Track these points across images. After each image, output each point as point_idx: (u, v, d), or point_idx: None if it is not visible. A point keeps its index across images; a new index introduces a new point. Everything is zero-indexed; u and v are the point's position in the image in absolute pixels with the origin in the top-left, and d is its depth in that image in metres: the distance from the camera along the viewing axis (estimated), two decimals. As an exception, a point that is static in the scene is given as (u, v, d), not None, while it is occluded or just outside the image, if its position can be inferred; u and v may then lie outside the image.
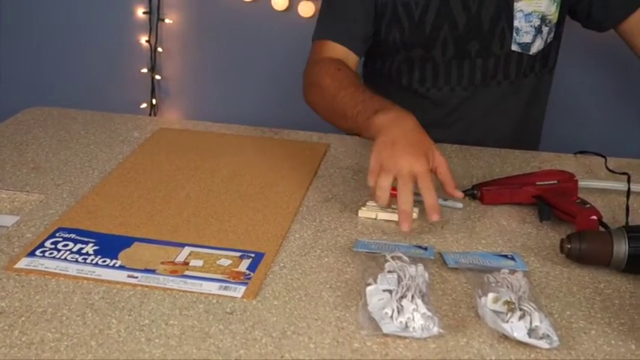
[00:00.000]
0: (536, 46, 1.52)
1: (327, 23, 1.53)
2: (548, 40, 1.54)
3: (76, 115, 1.61)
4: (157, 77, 2.50)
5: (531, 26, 1.50)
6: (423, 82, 1.57)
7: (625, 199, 1.23)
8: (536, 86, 1.60)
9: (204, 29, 2.43)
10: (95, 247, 1.06)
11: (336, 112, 1.34)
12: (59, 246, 1.07)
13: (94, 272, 1.00)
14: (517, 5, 1.48)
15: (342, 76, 1.38)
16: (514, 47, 1.51)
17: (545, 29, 1.51)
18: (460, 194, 1.19)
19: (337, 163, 1.40)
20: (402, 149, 1.14)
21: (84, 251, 1.05)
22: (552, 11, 1.50)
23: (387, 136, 1.17)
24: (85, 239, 1.09)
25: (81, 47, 2.51)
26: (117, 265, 1.02)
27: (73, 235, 1.10)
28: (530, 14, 1.49)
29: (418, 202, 1.14)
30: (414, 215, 1.18)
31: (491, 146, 1.50)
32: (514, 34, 1.50)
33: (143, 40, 2.46)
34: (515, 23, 1.49)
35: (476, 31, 1.50)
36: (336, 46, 1.49)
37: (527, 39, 1.51)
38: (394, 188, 1.23)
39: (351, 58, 1.50)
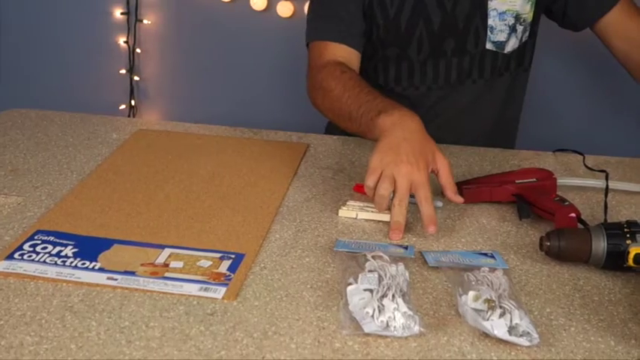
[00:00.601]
0: (511, 45, 1.53)
1: (321, 24, 1.52)
2: (523, 39, 1.55)
3: (54, 117, 1.60)
4: (136, 78, 2.49)
5: (505, 25, 1.51)
6: (399, 82, 1.57)
7: (603, 196, 1.24)
8: (512, 85, 1.61)
9: (182, 30, 2.42)
10: (74, 250, 1.06)
11: (342, 114, 1.34)
12: (38, 249, 1.06)
13: (73, 275, 1.00)
14: (491, 4, 1.49)
15: (346, 78, 1.38)
16: (489, 46, 1.52)
17: (519, 28, 1.52)
18: (460, 199, 1.19)
19: (317, 163, 1.40)
20: (404, 156, 1.14)
21: (63, 254, 1.05)
22: (527, 10, 1.51)
23: (390, 138, 1.17)
24: (64, 242, 1.08)
25: (59, 49, 2.49)
26: (96, 268, 1.01)
27: (51, 238, 1.09)
28: (504, 13, 1.49)
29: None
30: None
31: (468, 145, 1.51)
32: (488, 33, 1.51)
33: (121, 41, 2.44)
34: (490, 22, 1.50)
35: (451, 29, 1.50)
36: (337, 47, 1.48)
37: (501, 37, 1.52)
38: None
39: (353, 56, 1.49)
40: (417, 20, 1.50)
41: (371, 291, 0.93)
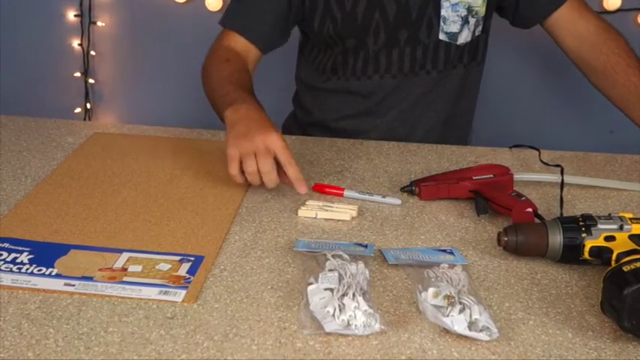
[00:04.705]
0: (464, 37, 1.55)
1: (235, 13, 1.57)
2: (477, 33, 1.57)
3: (7, 122, 1.57)
4: (91, 81, 2.46)
5: (458, 16, 1.53)
6: (354, 72, 1.58)
7: (559, 190, 1.25)
8: (465, 78, 1.62)
9: (137, 31, 2.40)
10: (30, 256, 1.04)
11: (215, 101, 1.41)
12: (-8, 256, 1.04)
13: (29, 282, 0.98)
14: None
15: (223, 68, 1.47)
16: (441, 36, 1.54)
17: (472, 20, 1.54)
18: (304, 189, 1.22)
19: (276, 164, 1.40)
20: (254, 131, 1.21)
21: (18, 260, 1.03)
22: (479, 3, 1.53)
23: (237, 128, 1.24)
24: (20, 248, 1.06)
25: (11, 52, 2.45)
26: (53, 274, 1.00)
27: (6, 245, 1.07)
28: (456, 4, 1.52)
29: (361, 199, 1.14)
30: (354, 213, 1.18)
31: (421, 137, 1.54)
32: (441, 23, 1.53)
33: (75, 43, 2.41)
34: (442, 12, 1.52)
35: (405, 19, 1.52)
36: (238, 39, 1.54)
37: (454, 28, 1.54)
38: (331, 186, 1.24)
39: (252, 52, 1.55)
40: (373, 11, 1.52)
41: (331, 290, 0.94)
